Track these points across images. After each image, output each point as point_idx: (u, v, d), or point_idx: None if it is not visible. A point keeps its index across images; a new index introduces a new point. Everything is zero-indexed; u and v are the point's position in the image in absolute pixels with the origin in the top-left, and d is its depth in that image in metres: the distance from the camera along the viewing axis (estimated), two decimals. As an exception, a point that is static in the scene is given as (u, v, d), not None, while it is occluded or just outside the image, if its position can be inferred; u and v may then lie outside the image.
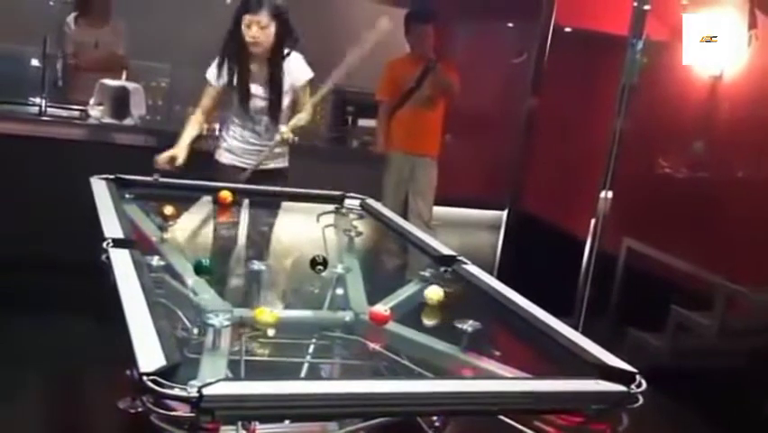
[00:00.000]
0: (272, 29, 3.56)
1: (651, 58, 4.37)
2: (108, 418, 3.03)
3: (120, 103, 4.59)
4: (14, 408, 3.03)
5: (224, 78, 3.71)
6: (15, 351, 3.53)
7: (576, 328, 2.11)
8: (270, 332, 2.11)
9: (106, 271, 2.12)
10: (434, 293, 2.40)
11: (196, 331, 2.00)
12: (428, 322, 2.37)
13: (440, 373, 2.00)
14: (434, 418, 1.84)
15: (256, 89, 3.69)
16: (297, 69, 3.74)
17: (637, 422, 1.70)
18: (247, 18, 3.51)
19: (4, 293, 3.96)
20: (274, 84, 3.69)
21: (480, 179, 5.76)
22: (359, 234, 3.07)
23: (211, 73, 3.75)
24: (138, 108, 4.68)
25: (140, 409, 1.50)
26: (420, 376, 1.97)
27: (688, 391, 3.74)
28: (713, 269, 4.11)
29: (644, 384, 1.73)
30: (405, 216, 4.59)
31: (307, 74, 3.78)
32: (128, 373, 1.56)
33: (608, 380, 1.75)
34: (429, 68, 4.86)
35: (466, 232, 5.00)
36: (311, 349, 2.21)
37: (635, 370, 1.78)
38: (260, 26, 3.51)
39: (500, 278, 2.53)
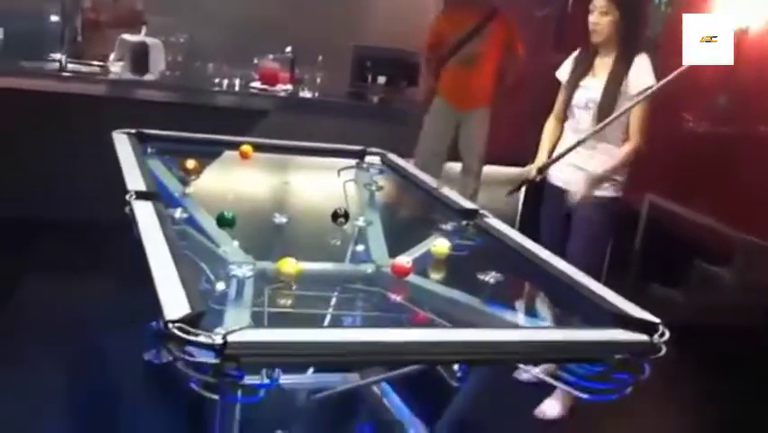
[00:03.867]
0: (613, 16, 3.17)
1: (675, 9, 4.29)
2: (134, 370, 3.08)
3: (140, 58, 4.59)
4: (42, 364, 3.08)
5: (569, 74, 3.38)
6: (41, 308, 3.58)
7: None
8: (293, 284, 2.12)
9: (130, 223, 2.13)
10: (440, 246, 2.39)
11: (219, 283, 2.01)
12: (450, 274, 2.37)
13: (462, 325, 2.01)
14: (456, 367, 1.84)
15: (589, 81, 3.29)
16: (637, 73, 3.19)
17: (659, 375, 1.70)
18: (591, 4, 3.24)
19: (26, 251, 4.01)
20: (610, 80, 3.20)
21: (503, 136, 5.70)
22: (379, 188, 3.06)
23: (562, 71, 3.43)
24: (158, 64, 4.68)
25: (165, 361, 1.51)
26: (442, 326, 1.97)
27: (710, 345, 3.73)
28: (736, 224, 4.08)
29: (667, 334, 1.73)
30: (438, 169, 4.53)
31: (646, 80, 3.16)
32: (153, 323, 1.58)
33: (631, 330, 1.75)
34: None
35: (488, 188, 4.96)
36: (333, 301, 2.22)
37: (658, 320, 1.77)
38: (599, 11, 3.19)
39: (521, 232, 2.52)
